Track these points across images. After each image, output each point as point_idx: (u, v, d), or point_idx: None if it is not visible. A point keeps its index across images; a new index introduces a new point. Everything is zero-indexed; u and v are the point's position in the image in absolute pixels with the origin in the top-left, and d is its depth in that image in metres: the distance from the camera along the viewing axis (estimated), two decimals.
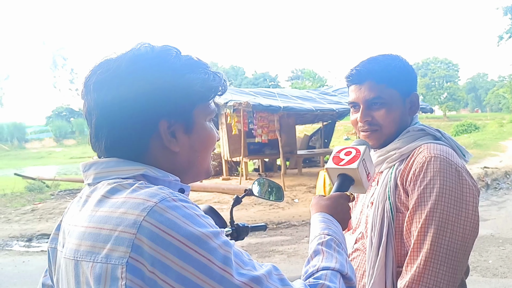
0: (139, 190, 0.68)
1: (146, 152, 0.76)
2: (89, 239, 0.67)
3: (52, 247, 0.84)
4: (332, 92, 12.20)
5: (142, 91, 0.73)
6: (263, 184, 1.57)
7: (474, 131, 27.81)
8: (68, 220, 0.78)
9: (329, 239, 0.85)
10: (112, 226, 0.65)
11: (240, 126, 9.72)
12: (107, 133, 0.75)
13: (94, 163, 0.77)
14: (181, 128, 0.78)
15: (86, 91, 0.77)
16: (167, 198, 0.66)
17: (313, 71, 53.57)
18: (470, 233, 1.10)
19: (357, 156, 1.01)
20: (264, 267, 0.70)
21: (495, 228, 6.06)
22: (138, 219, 0.63)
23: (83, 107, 0.79)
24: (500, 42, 26.96)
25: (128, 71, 0.74)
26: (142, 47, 0.77)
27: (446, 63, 62.08)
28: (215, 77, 0.80)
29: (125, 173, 0.73)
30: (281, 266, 4.90)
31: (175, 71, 0.76)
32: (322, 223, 0.91)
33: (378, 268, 1.19)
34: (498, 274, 4.35)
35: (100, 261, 0.65)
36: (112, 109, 0.74)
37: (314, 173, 10.06)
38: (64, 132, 45.87)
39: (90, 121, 0.77)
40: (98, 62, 0.78)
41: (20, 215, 8.48)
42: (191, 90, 0.77)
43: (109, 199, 0.69)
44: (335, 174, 1.03)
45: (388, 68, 1.26)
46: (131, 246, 0.62)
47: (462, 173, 1.14)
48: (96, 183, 0.75)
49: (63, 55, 57.77)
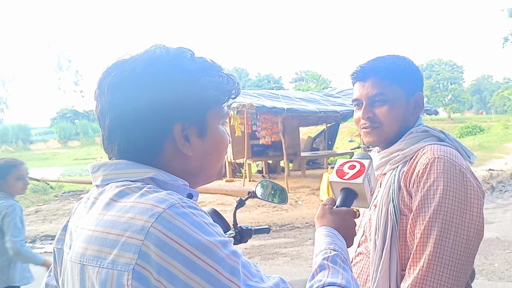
0: (147, 194, 0.67)
1: (159, 155, 0.75)
2: (96, 243, 0.66)
3: (58, 247, 0.83)
4: (336, 94, 12.18)
5: (157, 94, 0.72)
6: (266, 186, 1.56)
7: (479, 133, 27.65)
8: (75, 222, 0.77)
9: (334, 255, 0.83)
10: (120, 231, 0.64)
11: (244, 128, 9.72)
12: (121, 136, 0.74)
13: (103, 165, 0.76)
14: (195, 132, 0.77)
15: (100, 92, 0.76)
16: (176, 204, 0.65)
17: (317, 73, 53.57)
18: (474, 236, 1.08)
19: (362, 171, 0.99)
20: (272, 279, 0.69)
21: (500, 231, 6.01)
22: (146, 225, 0.62)
23: (96, 108, 0.78)
24: (505, 43, 26.81)
25: (144, 73, 0.73)
26: (157, 49, 0.76)
27: (451, 65, 61.90)
28: (229, 80, 0.80)
29: (134, 176, 0.73)
30: (284, 268, 4.88)
31: (190, 74, 0.75)
32: (328, 237, 0.89)
33: (381, 271, 1.18)
34: (504, 278, 4.31)
35: (106, 266, 0.64)
36: (127, 111, 0.73)
37: (318, 175, 10.03)
38: (68, 133, 46.07)
39: (103, 123, 0.76)
40: (111, 63, 0.77)
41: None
42: (205, 94, 0.76)
43: (117, 202, 0.68)
44: (338, 187, 1.01)
45: (392, 66, 1.25)
46: (138, 253, 0.61)
47: (466, 174, 1.12)
48: (104, 185, 0.74)
49: (67, 57, 58.06)
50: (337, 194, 1.02)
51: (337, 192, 1.02)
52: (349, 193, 1.00)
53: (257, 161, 12.41)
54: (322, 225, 0.94)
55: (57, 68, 57.80)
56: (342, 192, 1.00)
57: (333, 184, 1.02)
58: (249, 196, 1.47)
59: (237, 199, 1.48)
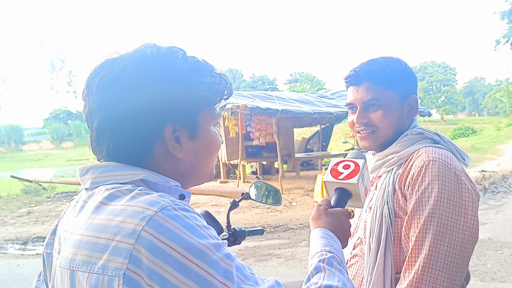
0: (138, 197, 0.65)
1: (149, 157, 0.74)
2: (85, 248, 0.65)
3: (48, 252, 0.81)
4: (330, 96, 12.21)
5: (148, 95, 0.70)
6: (260, 188, 1.55)
7: (471, 135, 27.86)
8: (64, 226, 0.76)
9: (330, 257, 0.82)
10: (110, 235, 0.62)
11: (238, 129, 9.70)
12: (109, 137, 0.72)
13: (91, 167, 0.74)
14: (186, 134, 0.75)
15: (88, 92, 0.74)
16: (167, 206, 0.63)
17: (311, 74, 53.77)
18: (469, 239, 1.08)
19: (357, 171, 0.98)
20: (267, 281, 0.68)
21: (493, 232, 6.05)
22: (137, 229, 0.60)
23: (84, 108, 0.76)
24: (497, 46, 27.10)
25: (134, 74, 0.71)
26: (147, 49, 0.74)
27: (444, 67, 62.45)
28: (221, 80, 0.78)
29: (123, 178, 0.71)
30: (278, 269, 4.87)
31: (181, 75, 0.73)
32: (323, 239, 0.88)
33: (376, 274, 1.17)
34: (496, 278, 4.34)
35: (96, 272, 0.62)
36: (116, 113, 0.71)
37: (312, 176, 10.04)
38: (61, 134, 45.76)
39: (92, 124, 0.74)
40: (100, 62, 0.75)
41: (16, 218, 8.43)
42: (197, 95, 0.74)
43: (107, 206, 0.67)
44: (332, 187, 1.00)
45: (386, 70, 1.25)
46: (128, 257, 0.60)
47: (461, 177, 1.12)
48: (93, 188, 0.73)
49: (61, 57, 57.75)
50: (331, 194, 1.01)
51: (331, 192, 1.01)
52: (343, 193, 0.99)
53: (251, 162, 12.40)
54: (317, 226, 0.93)
55: (50, 69, 57.46)
56: (336, 192, 0.99)
57: (327, 184, 1.01)
58: (242, 197, 1.46)
59: (231, 200, 1.47)
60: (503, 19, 24.99)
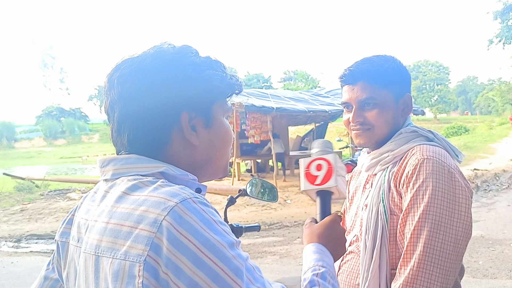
0: (160, 188, 0.68)
1: (167, 145, 0.77)
2: (110, 235, 0.68)
3: (63, 240, 0.84)
4: (325, 94, 12.23)
5: (165, 83, 0.75)
6: (256, 185, 1.56)
7: (464, 134, 28.06)
8: (83, 215, 0.78)
9: (324, 271, 0.84)
10: (133, 223, 0.65)
11: (233, 127, 9.70)
12: (130, 126, 0.76)
13: (113, 159, 0.77)
14: (201, 122, 0.79)
15: (110, 86, 0.78)
16: (187, 199, 0.66)
17: (306, 72, 53.73)
18: (463, 235, 1.10)
19: (330, 169, 0.97)
20: (274, 286, 0.71)
21: (485, 229, 6.12)
22: (158, 218, 0.63)
23: (105, 103, 0.80)
24: (490, 46, 27.23)
25: (152, 65, 0.76)
26: (164, 44, 0.80)
27: (437, 66, 62.77)
28: (232, 77, 0.83)
29: (144, 170, 0.74)
30: (273, 267, 4.89)
31: (195, 66, 0.78)
32: (316, 254, 0.89)
33: (372, 271, 1.19)
34: (488, 275, 4.40)
35: (119, 257, 0.65)
36: (136, 101, 0.75)
37: None
38: (54, 131, 45.39)
39: (112, 116, 0.78)
40: (121, 60, 0.80)
41: (9, 215, 8.36)
42: (211, 85, 0.79)
43: (130, 195, 0.70)
44: (313, 192, 1.00)
45: (381, 69, 1.26)
46: (150, 245, 0.63)
47: (455, 174, 1.14)
48: (114, 179, 0.75)
49: (52, 54, 57.25)
50: (313, 197, 1.01)
51: (313, 195, 1.01)
52: (325, 194, 0.99)
53: (246, 160, 12.40)
54: (309, 242, 0.94)
55: (42, 66, 56.94)
56: (318, 197, 0.99)
57: (307, 192, 1.01)
58: (240, 194, 1.47)
59: (227, 197, 1.48)
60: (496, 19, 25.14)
